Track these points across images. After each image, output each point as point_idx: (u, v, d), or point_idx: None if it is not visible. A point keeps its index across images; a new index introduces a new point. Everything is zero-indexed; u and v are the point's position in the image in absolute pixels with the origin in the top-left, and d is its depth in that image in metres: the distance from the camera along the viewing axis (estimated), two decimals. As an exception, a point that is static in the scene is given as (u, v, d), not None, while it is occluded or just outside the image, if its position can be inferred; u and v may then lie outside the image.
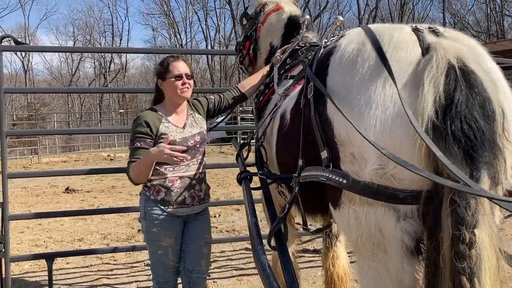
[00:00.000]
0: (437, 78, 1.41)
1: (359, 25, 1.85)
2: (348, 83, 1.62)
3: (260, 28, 3.44)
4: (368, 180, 1.54)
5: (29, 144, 23.47)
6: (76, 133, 26.42)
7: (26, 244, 6.34)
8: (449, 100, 1.40)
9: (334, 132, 1.67)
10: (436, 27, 1.66)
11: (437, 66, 1.43)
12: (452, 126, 1.37)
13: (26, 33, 41.61)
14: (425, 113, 1.39)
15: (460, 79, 1.42)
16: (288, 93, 2.71)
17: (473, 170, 1.35)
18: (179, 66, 2.84)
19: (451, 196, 1.33)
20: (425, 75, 1.43)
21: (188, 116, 2.95)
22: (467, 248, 1.32)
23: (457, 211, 1.33)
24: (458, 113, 1.38)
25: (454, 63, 1.44)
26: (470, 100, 1.40)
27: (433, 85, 1.41)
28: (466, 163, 1.36)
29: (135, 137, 2.75)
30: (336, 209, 1.76)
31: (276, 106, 2.74)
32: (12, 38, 4.39)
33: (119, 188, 11.24)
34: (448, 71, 1.43)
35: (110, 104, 45.05)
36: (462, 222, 1.32)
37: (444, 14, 37.72)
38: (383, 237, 1.56)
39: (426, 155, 1.39)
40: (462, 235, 1.32)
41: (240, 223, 7.03)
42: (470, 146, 1.36)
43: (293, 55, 3.07)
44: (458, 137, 1.37)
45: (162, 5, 42.66)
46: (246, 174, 2.78)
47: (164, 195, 2.78)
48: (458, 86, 1.41)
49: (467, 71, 1.44)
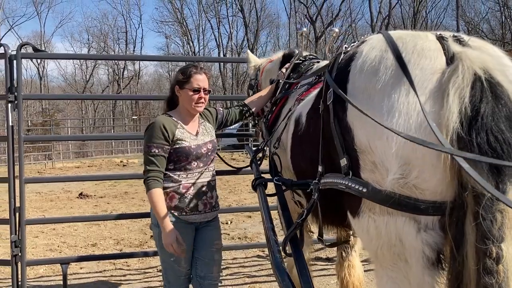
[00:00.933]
0: (463, 89, 1.40)
1: (379, 31, 1.83)
2: (370, 90, 1.60)
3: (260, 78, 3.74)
4: (389, 189, 1.52)
5: (43, 149, 23.77)
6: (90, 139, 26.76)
7: (40, 249, 6.40)
8: (474, 111, 1.38)
9: (354, 139, 1.65)
10: (461, 36, 1.63)
11: (462, 76, 1.41)
12: (478, 138, 1.35)
13: (42, 40, 42.27)
14: (450, 124, 1.37)
15: (486, 90, 1.40)
16: (302, 98, 2.71)
17: (499, 183, 1.33)
18: (199, 79, 2.87)
19: (476, 209, 1.31)
20: (450, 85, 1.41)
21: (200, 125, 2.99)
22: (494, 263, 1.30)
23: (483, 225, 1.30)
24: (484, 125, 1.36)
25: (481, 74, 1.42)
26: (496, 112, 1.38)
27: (459, 96, 1.39)
28: (492, 176, 1.33)
29: (152, 142, 2.75)
30: (355, 218, 1.73)
31: (291, 111, 2.74)
32: (31, 45, 4.48)
33: (132, 194, 11.32)
34: (474, 82, 1.41)
35: (123, 110, 45.47)
36: (489, 236, 1.30)
37: (458, 21, 37.38)
38: (404, 248, 1.54)
39: (451, 167, 1.37)
40: (488, 249, 1.29)
41: (252, 230, 7.02)
42: (497, 159, 1.34)
43: (295, 69, 3.18)
44: (484, 149, 1.34)
45: (175, 13, 43.06)
46: (261, 180, 2.76)
47: (178, 201, 2.80)
48: (484, 97, 1.39)
49: (494, 82, 1.42)
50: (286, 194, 2.66)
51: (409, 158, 1.44)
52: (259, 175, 2.87)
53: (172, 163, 2.81)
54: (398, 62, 1.55)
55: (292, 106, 2.77)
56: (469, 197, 1.34)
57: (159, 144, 2.74)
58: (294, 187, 2.44)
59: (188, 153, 2.81)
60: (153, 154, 2.74)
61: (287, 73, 3.23)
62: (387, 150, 1.47)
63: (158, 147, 2.74)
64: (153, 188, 2.71)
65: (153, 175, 2.73)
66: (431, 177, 1.44)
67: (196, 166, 2.85)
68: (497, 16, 37.88)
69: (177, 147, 2.78)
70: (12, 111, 4.25)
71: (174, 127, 2.80)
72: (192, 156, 2.82)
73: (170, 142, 2.77)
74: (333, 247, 2.45)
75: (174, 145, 2.78)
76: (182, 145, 2.80)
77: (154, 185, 2.71)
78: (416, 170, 1.45)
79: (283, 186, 2.56)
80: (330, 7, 40.27)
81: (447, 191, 1.39)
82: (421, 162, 1.42)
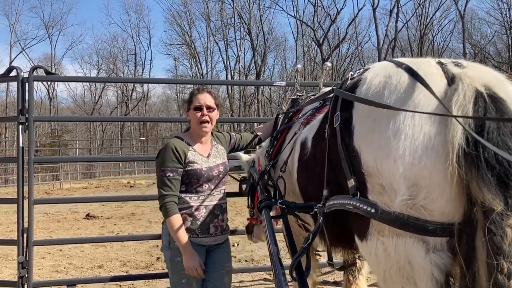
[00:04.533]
0: (465, 106, 1.41)
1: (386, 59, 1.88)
2: (375, 115, 1.63)
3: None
4: (398, 210, 1.52)
5: (51, 170, 23.92)
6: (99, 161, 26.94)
7: (47, 270, 6.39)
8: (479, 127, 1.39)
9: (361, 162, 1.67)
10: (459, 61, 1.67)
11: (464, 94, 1.43)
12: (485, 153, 1.36)
13: (52, 62, 42.98)
14: (455, 141, 1.38)
15: (490, 106, 1.42)
16: (307, 122, 2.74)
17: (507, 198, 1.33)
18: (201, 97, 2.94)
19: (486, 225, 1.31)
20: (453, 104, 1.43)
21: (212, 147, 3.03)
22: (506, 278, 1.29)
23: (494, 240, 1.30)
24: (490, 140, 1.36)
25: (482, 90, 1.44)
26: (501, 127, 1.39)
27: (462, 113, 1.40)
28: (500, 190, 1.33)
29: (166, 166, 2.77)
30: (363, 241, 1.73)
31: (296, 134, 2.76)
32: (43, 68, 4.56)
33: (138, 215, 11.30)
34: (476, 98, 1.43)
35: (131, 131, 45.76)
36: (500, 251, 1.30)
37: (464, 44, 37.58)
38: (412, 270, 1.53)
39: (458, 183, 1.38)
40: (500, 265, 1.29)
41: (259, 253, 6.96)
42: (504, 173, 1.34)
43: (293, 104, 3.35)
44: (491, 164, 1.35)
45: (184, 36, 43.68)
46: (266, 203, 2.77)
47: (190, 224, 2.81)
48: (489, 112, 1.40)
49: (497, 97, 1.44)
50: (290, 218, 2.66)
51: (417, 179, 1.45)
52: (264, 197, 2.88)
53: (184, 185, 2.83)
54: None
55: (297, 130, 2.80)
56: (478, 213, 1.34)
57: (173, 167, 2.77)
58: (297, 210, 2.44)
59: (199, 176, 2.83)
60: (168, 178, 2.76)
61: (287, 107, 3.42)
62: (395, 171, 1.48)
63: (172, 170, 2.77)
64: (172, 214, 2.72)
65: (170, 200, 2.74)
66: (439, 197, 1.45)
67: (207, 188, 2.87)
68: (503, 39, 38.03)
69: (189, 169, 2.81)
70: (23, 133, 4.32)
71: (186, 149, 2.84)
72: (203, 179, 2.85)
73: (183, 165, 2.80)
74: (342, 270, 2.43)
75: (186, 167, 2.81)
76: (194, 167, 2.83)
77: (173, 211, 2.73)
78: (424, 191, 1.46)
79: (287, 209, 2.55)
80: (337, 30, 40.77)
81: (455, 211, 1.40)
82: (429, 182, 1.43)
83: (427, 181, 1.44)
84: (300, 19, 40.51)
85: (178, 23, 43.17)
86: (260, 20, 41.14)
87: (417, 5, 38.63)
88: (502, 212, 1.31)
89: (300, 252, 2.11)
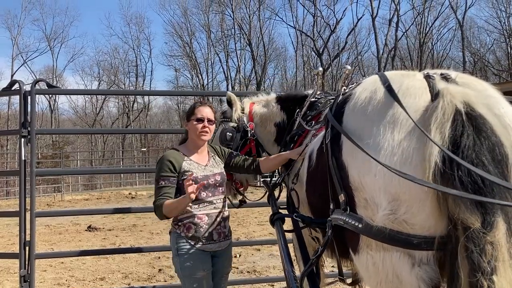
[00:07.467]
0: (444, 124, 1.42)
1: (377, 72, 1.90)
2: (359, 130, 1.67)
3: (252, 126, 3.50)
4: (381, 224, 1.54)
5: (52, 181, 23.91)
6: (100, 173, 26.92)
7: (48, 283, 6.37)
8: (455, 145, 1.39)
9: (348, 177, 1.69)
10: (448, 73, 1.68)
11: (443, 112, 1.44)
12: (459, 172, 1.35)
13: (54, 74, 43.17)
14: (432, 159, 1.39)
15: (467, 124, 1.42)
16: (317, 133, 2.74)
17: (485, 215, 1.32)
18: (203, 110, 3.05)
19: (464, 243, 1.31)
20: (432, 122, 1.44)
21: (210, 157, 3.13)
22: None
23: (471, 258, 1.29)
24: (464, 159, 1.36)
25: (461, 108, 1.44)
26: (477, 144, 1.39)
27: (440, 131, 1.41)
28: (477, 207, 1.32)
29: (160, 176, 2.89)
30: (356, 255, 1.75)
31: (307, 146, 2.77)
32: (45, 82, 4.59)
33: (140, 227, 11.28)
34: (455, 116, 1.43)
35: (132, 142, 45.82)
36: (478, 269, 1.28)
37: (463, 53, 37.74)
38: (401, 284, 1.54)
39: (437, 199, 1.39)
40: (479, 282, 1.28)
41: (261, 264, 6.94)
42: (478, 191, 1.33)
43: (312, 106, 3.16)
44: (465, 182, 1.34)
45: (184, 47, 43.94)
46: (279, 215, 2.78)
47: (194, 231, 2.92)
48: (465, 131, 1.41)
49: (474, 115, 1.44)
50: (303, 230, 2.66)
51: (397, 193, 1.46)
52: (277, 210, 2.89)
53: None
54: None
55: (308, 142, 2.81)
56: (458, 230, 1.34)
57: (165, 176, 2.88)
58: (313, 225, 2.41)
59: (195, 183, 2.85)
60: (161, 186, 2.88)
61: (304, 110, 3.19)
62: (376, 186, 1.50)
63: (164, 179, 2.88)
64: (163, 203, 2.79)
65: (161, 197, 2.83)
66: (420, 211, 1.46)
67: (206, 196, 2.96)
68: (503, 47, 38.19)
69: (185, 178, 2.85)
70: (25, 146, 4.33)
71: (180, 159, 2.95)
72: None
73: (177, 173, 2.90)
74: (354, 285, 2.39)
75: (182, 176, 2.90)
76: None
77: (162, 202, 2.80)
78: (404, 205, 1.48)
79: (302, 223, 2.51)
80: (337, 40, 40.97)
81: (436, 225, 1.40)
82: (408, 197, 1.44)
83: (406, 195, 1.45)
84: (299, 29, 40.79)
85: (179, 34, 43.51)
86: (260, 31, 41.47)
87: (416, 14, 38.92)
88: (479, 229, 1.30)
89: (309, 264, 2.12)
